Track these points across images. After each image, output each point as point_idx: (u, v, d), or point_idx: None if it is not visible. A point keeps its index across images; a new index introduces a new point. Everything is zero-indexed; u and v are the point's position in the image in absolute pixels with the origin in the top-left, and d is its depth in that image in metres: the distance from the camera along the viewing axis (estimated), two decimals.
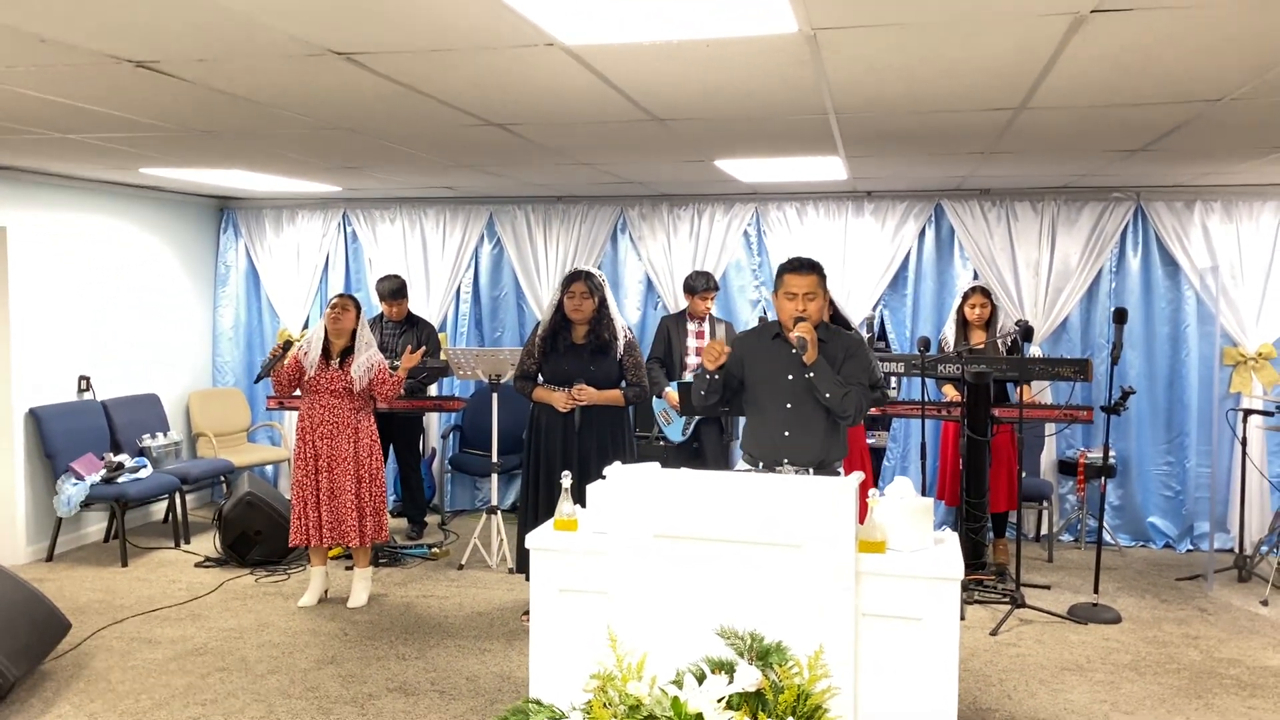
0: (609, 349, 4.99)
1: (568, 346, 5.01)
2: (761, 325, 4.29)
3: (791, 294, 3.89)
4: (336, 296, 5.53)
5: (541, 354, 5.05)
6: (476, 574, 6.14)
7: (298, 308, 8.11)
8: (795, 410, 3.94)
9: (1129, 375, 6.80)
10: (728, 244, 7.41)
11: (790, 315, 3.88)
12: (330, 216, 8.09)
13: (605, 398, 4.98)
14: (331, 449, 5.37)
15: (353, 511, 5.37)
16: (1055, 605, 5.52)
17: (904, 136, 4.68)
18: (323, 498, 5.37)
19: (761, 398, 4.02)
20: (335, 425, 5.38)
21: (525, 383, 5.14)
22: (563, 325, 5.02)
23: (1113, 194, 6.81)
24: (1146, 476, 6.91)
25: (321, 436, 5.37)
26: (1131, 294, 6.88)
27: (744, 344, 4.13)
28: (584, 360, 4.98)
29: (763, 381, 4.02)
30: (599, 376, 4.98)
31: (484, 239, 7.91)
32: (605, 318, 5.00)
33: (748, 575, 2.98)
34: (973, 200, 6.99)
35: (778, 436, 3.95)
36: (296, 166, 5.93)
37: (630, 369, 5.04)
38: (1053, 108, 3.92)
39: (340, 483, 5.37)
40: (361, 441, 5.42)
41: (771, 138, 4.74)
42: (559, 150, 5.20)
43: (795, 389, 3.95)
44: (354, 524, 5.37)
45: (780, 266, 4.00)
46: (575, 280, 4.97)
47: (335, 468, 5.37)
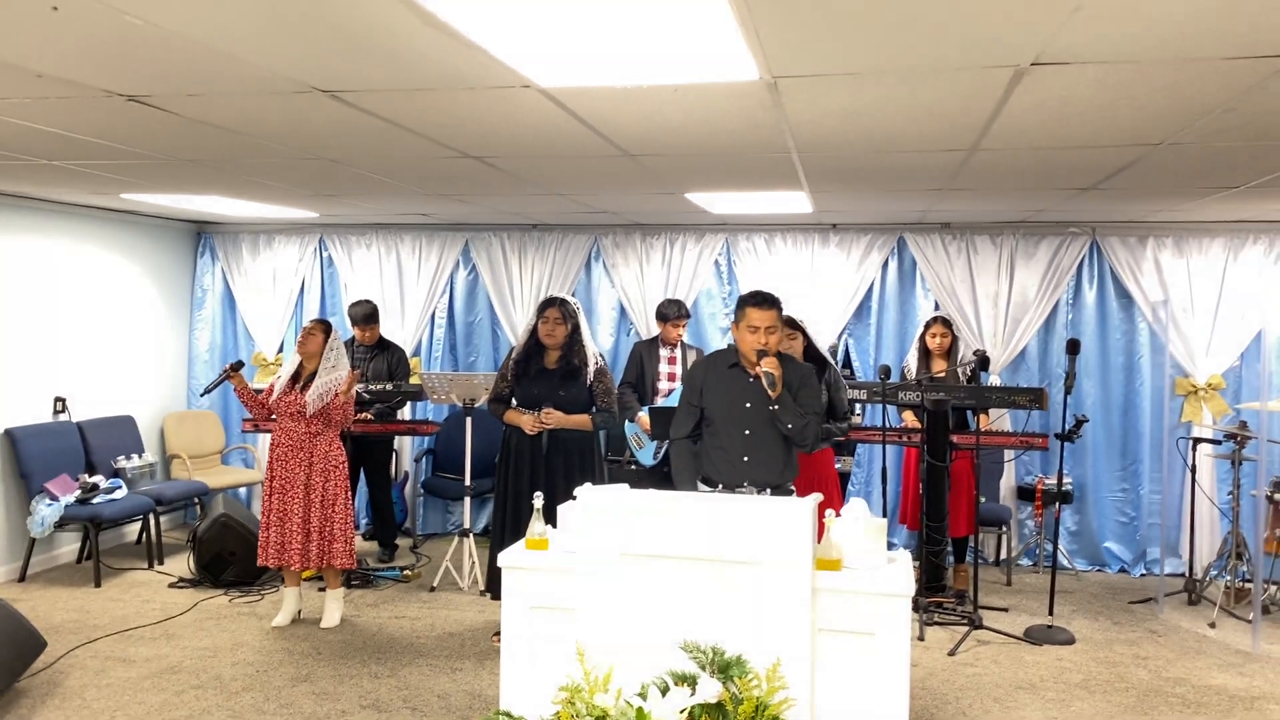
0: (579, 374, 5.13)
1: (539, 371, 5.15)
2: (717, 353, 4.48)
3: (754, 327, 4.08)
4: (308, 321, 5.64)
5: (514, 377, 5.19)
6: (448, 596, 6.24)
7: (273, 331, 8.20)
8: (754, 436, 4.14)
9: (1085, 404, 7.02)
10: (699, 273, 7.59)
11: (752, 348, 4.08)
12: (307, 242, 8.20)
13: (572, 422, 5.11)
14: (285, 471, 5.47)
15: (298, 534, 5.44)
16: (1012, 627, 5.69)
17: (865, 173, 4.88)
18: (273, 520, 5.47)
19: (720, 424, 4.20)
20: (289, 448, 5.48)
21: (498, 405, 5.27)
22: (536, 350, 5.16)
23: (1069, 229, 7.06)
24: (1102, 503, 7.12)
25: (279, 459, 5.48)
26: (1087, 325, 7.12)
27: (701, 371, 4.32)
28: (554, 384, 5.11)
29: (722, 408, 4.20)
30: (567, 401, 5.11)
31: (459, 265, 8.04)
32: (577, 344, 5.14)
33: (710, 592, 3.13)
34: (934, 233, 7.22)
35: (738, 461, 4.14)
36: (276, 193, 6.05)
37: (600, 394, 5.18)
38: (1003, 149, 4.13)
39: (290, 506, 5.46)
40: (316, 465, 5.48)
41: (738, 173, 4.93)
42: (534, 181, 5.37)
43: (753, 416, 4.14)
44: (298, 547, 5.44)
45: (742, 299, 4.19)
46: (549, 306, 5.12)
47: (286, 490, 5.46)
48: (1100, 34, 2.54)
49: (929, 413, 5.74)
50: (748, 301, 4.17)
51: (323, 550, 5.48)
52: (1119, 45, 2.64)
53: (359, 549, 6.88)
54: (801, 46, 2.68)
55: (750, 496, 4.05)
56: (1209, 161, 4.39)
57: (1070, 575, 6.97)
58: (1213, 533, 6.88)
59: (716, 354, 4.49)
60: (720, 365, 4.29)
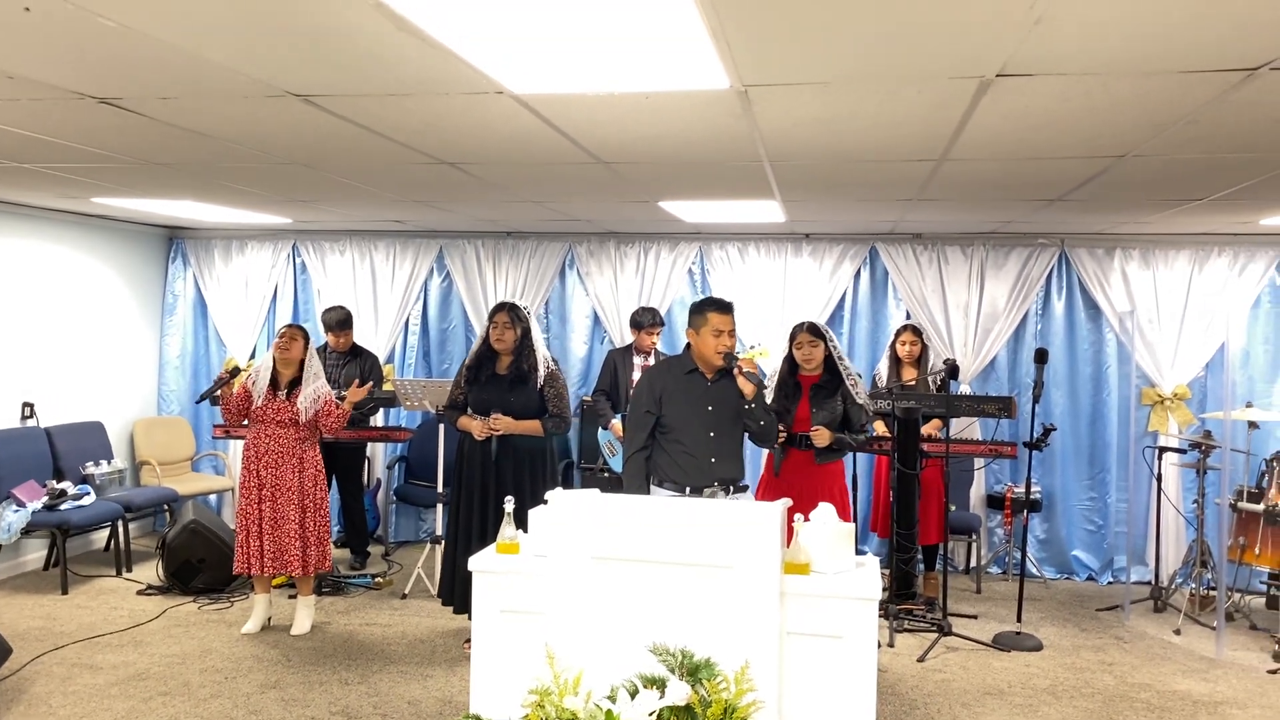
0: (529, 379, 5.13)
1: (489, 377, 5.17)
2: (668, 362, 4.55)
3: (719, 330, 4.24)
4: (285, 326, 5.64)
5: (466, 383, 5.21)
6: (420, 603, 6.23)
7: (245, 337, 8.17)
8: (719, 438, 4.26)
9: (1053, 413, 7.11)
10: (673, 281, 7.64)
11: (716, 350, 4.21)
12: (280, 248, 8.18)
13: (522, 427, 5.11)
14: (276, 478, 5.45)
15: (296, 540, 5.45)
16: (981, 634, 5.74)
17: (836, 183, 4.94)
18: (265, 526, 5.44)
19: (682, 429, 4.28)
20: (281, 455, 5.47)
21: (452, 412, 5.30)
22: (488, 356, 5.19)
23: (1038, 240, 7.15)
24: (1070, 511, 7.20)
25: (267, 466, 5.46)
26: (1056, 335, 7.21)
27: (659, 379, 4.38)
28: (504, 390, 5.12)
29: (684, 413, 4.28)
30: (516, 406, 5.11)
31: (433, 272, 8.05)
32: (527, 349, 5.15)
33: (680, 595, 3.15)
34: (905, 244, 7.30)
35: (706, 464, 4.24)
36: (249, 199, 6.04)
37: (551, 399, 5.18)
38: (971, 160, 4.19)
39: (284, 512, 5.45)
40: (306, 471, 5.51)
41: (711, 182, 4.98)
42: (508, 188, 5.39)
43: (717, 418, 4.27)
44: (297, 553, 5.45)
45: (702, 305, 4.31)
46: (499, 311, 5.15)
47: (279, 497, 5.45)
48: (1061, 46, 2.59)
49: (899, 421, 5.79)
50: (710, 307, 4.27)
51: (311, 555, 5.49)
52: (1079, 58, 2.70)
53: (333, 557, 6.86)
54: (771, 56, 2.72)
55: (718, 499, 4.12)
56: (1172, 174, 4.48)
57: (1039, 583, 7.04)
58: (1178, 541, 6.98)
59: (667, 363, 4.56)
60: (675, 372, 4.38)
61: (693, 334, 4.32)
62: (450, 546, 5.19)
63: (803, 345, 5.35)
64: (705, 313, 4.27)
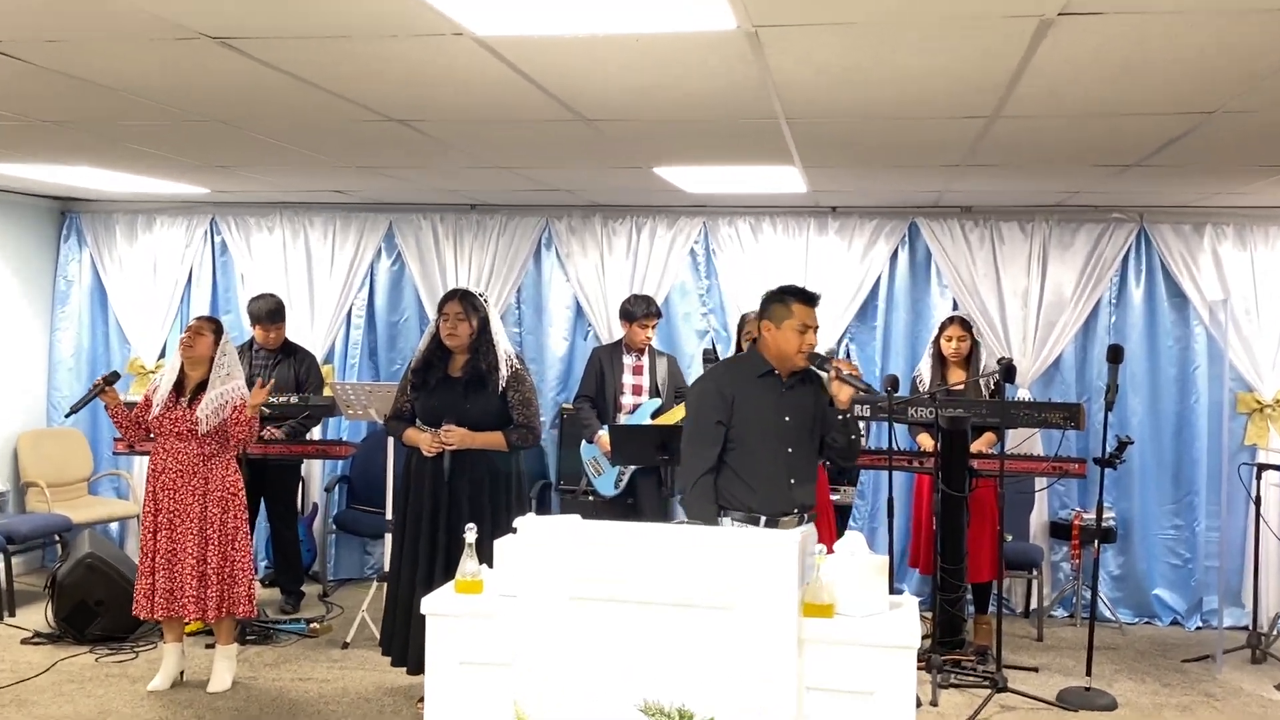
0: (487, 381, 5.09)
1: (440, 380, 5.15)
2: (735, 361, 4.55)
3: (806, 326, 4.25)
4: (194, 319, 5.62)
5: (413, 388, 5.20)
6: (364, 654, 6.22)
7: (153, 332, 8.16)
8: (797, 454, 4.29)
9: (1130, 424, 7.12)
10: (671, 264, 7.64)
11: (799, 349, 4.24)
12: (195, 223, 8.17)
13: (481, 440, 5.08)
14: (174, 503, 5.41)
15: (192, 579, 5.36)
16: (1043, 690, 5.75)
17: (868, 146, 4.94)
18: (159, 561, 5.40)
19: (756, 443, 4.28)
20: (179, 474, 5.43)
21: (396, 423, 5.28)
22: (438, 355, 5.17)
23: (1112, 214, 7.17)
24: (1151, 542, 7.22)
25: (164, 488, 5.42)
26: (1133, 329, 7.23)
27: (728, 381, 4.36)
28: (458, 395, 5.09)
29: (757, 425, 4.28)
30: (476, 414, 5.07)
31: (381, 253, 8.04)
32: (485, 344, 5.11)
33: (676, 642, 3.15)
34: (952, 219, 7.32)
35: (783, 485, 4.27)
36: (157, 164, 6.03)
37: (516, 405, 5.14)
38: (1030, 116, 4.20)
39: (181, 544, 5.40)
40: (213, 494, 5.45)
41: (717, 144, 4.98)
42: (471, 152, 5.39)
43: (794, 431, 4.28)
44: (192, 594, 5.37)
45: (786, 294, 4.32)
46: (449, 300, 5.13)
47: (177, 525, 5.40)
48: None
49: (944, 432, 5.80)
50: (796, 296, 4.29)
51: (222, 597, 5.45)
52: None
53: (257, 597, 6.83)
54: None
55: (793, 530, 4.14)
56: (1274, 133, 4.48)
57: (1113, 628, 7.05)
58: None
59: (733, 362, 4.60)
60: (746, 375, 4.37)
61: (769, 328, 4.31)
62: (393, 586, 5.17)
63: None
64: (790, 304, 4.27)
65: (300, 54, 3.46)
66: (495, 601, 3.41)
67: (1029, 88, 3.71)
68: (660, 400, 6.72)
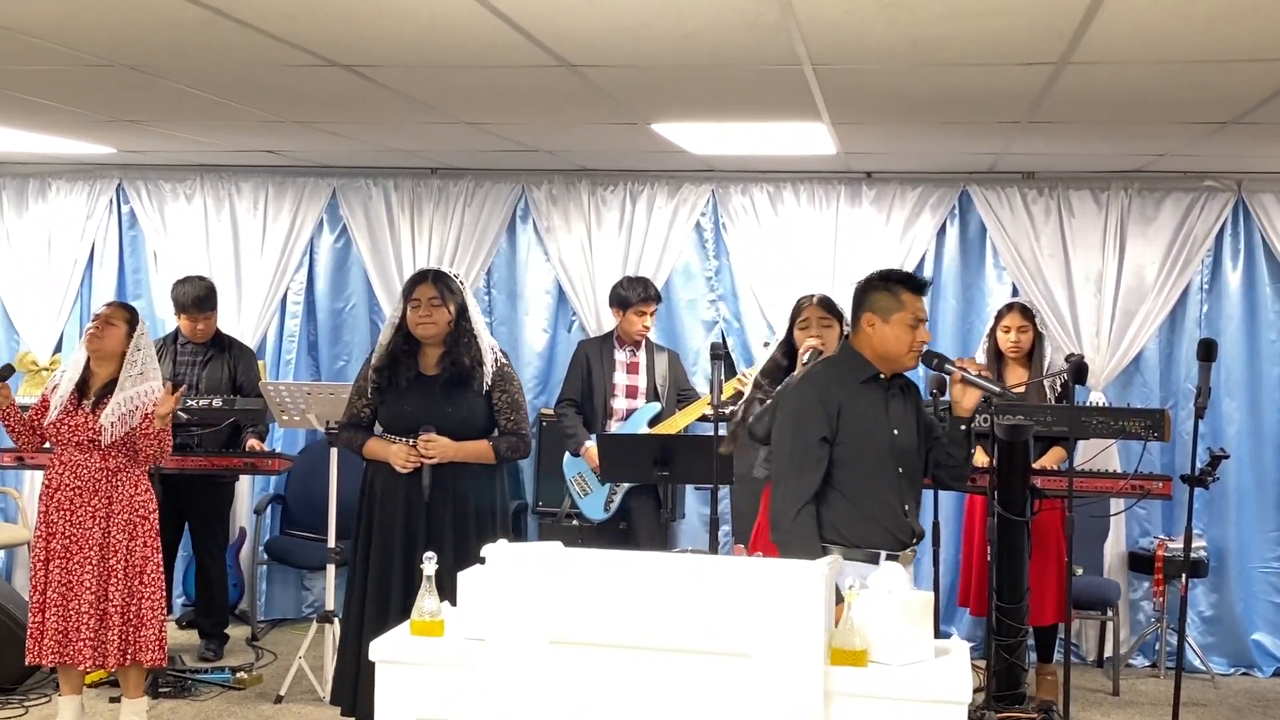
0: (471, 380, 5.10)
1: (412, 380, 5.13)
2: (831, 363, 4.50)
3: (919, 318, 4.23)
4: (104, 305, 5.60)
5: (375, 391, 5.17)
6: (301, 708, 6.22)
7: (47, 320, 8.15)
8: (906, 475, 4.28)
9: (1226, 434, 7.13)
10: (672, 241, 7.63)
11: (910, 348, 4.23)
12: (100, 189, 8.16)
13: (466, 451, 5.09)
14: (70, 527, 5.38)
15: (90, 619, 5.33)
16: None
17: (909, 98, 4.93)
18: (51, 596, 5.37)
19: (867, 463, 4.24)
20: (77, 492, 5.40)
21: (354, 433, 5.27)
22: (406, 349, 5.15)
23: (1204, 182, 7.17)
24: (1249, 576, 7.23)
25: (59, 507, 5.40)
26: (1230, 322, 7.23)
27: (831, 389, 4.28)
28: (436, 398, 5.08)
29: (866, 440, 4.24)
30: (458, 421, 5.08)
31: (323, 226, 8.04)
32: (465, 335, 5.11)
33: (677, 695, 3.14)
34: (1011, 187, 7.31)
35: (898, 512, 4.25)
36: (53, 118, 6.02)
37: (504, 409, 5.16)
38: (1106, 63, 4.19)
39: (78, 576, 5.36)
40: (117, 517, 5.42)
41: (728, 96, 4.97)
42: (431, 105, 5.37)
43: (904, 449, 4.27)
44: (89, 637, 5.33)
45: (891, 280, 4.30)
46: (420, 283, 5.11)
47: (73, 554, 5.36)
48: None
49: (1000, 444, 5.79)
50: (904, 284, 4.26)
51: (126, 641, 5.42)
52: None
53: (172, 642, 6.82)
54: None
55: (908, 565, 4.21)
56: None
57: (1203, 680, 7.06)
58: None
59: (833, 364, 4.49)
60: (847, 380, 4.30)
61: (873, 321, 4.26)
62: (352, 627, 5.14)
63: (811, 324, 5.35)
64: (899, 293, 4.23)
65: None
66: (459, 646, 3.40)
67: (1105, 27, 3.70)
68: (660, 404, 6.72)
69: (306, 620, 7.82)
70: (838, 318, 5.37)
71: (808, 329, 5.33)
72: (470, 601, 3.47)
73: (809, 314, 5.37)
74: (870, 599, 3.31)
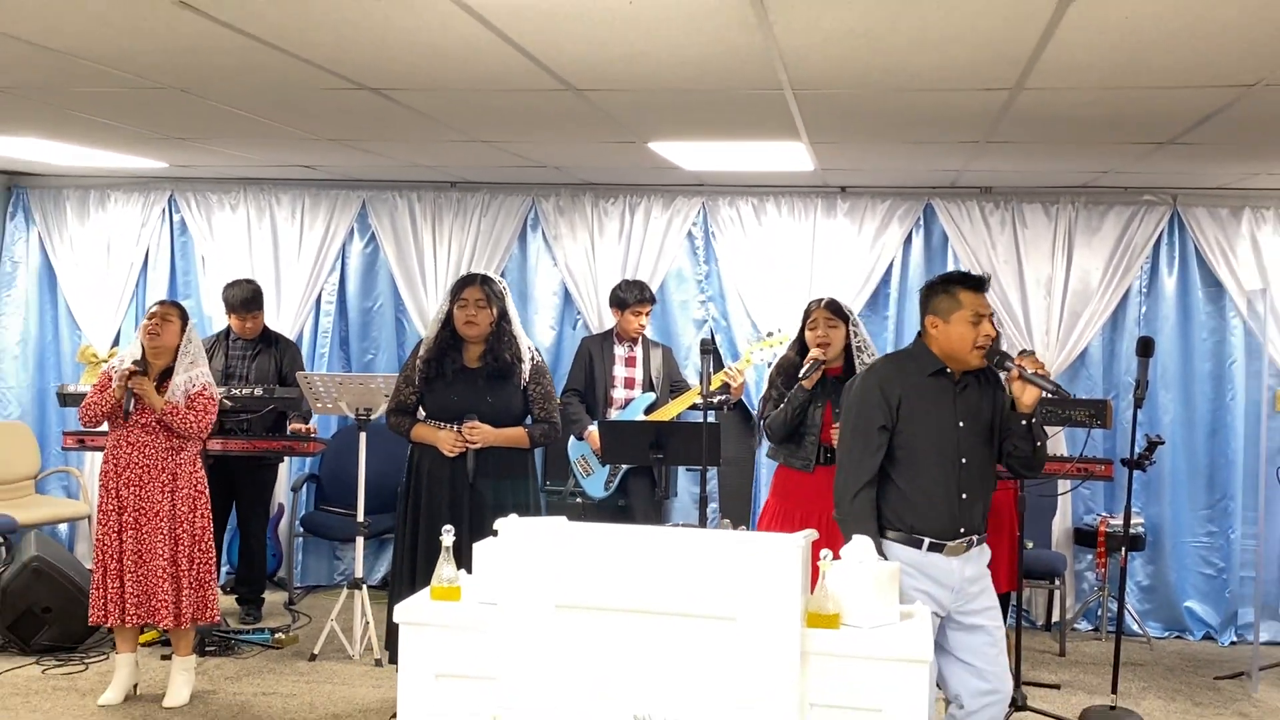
0: (510, 374, 5.13)
1: (457, 371, 5.14)
2: (898, 358, 4.35)
3: (980, 315, 4.00)
4: (157, 304, 5.61)
5: (423, 381, 5.18)
6: (334, 666, 6.22)
7: (107, 318, 8.15)
8: (971, 465, 4.08)
9: (1162, 422, 7.13)
10: (667, 248, 7.64)
11: (975, 345, 3.99)
12: (153, 200, 8.15)
13: (506, 437, 5.12)
14: (140, 500, 5.42)
15: (166, 582, 5.39)
16: (1065, 709, 5.76)
17: (880, 120, 4.93)
18: (127, 564, 5.41)
19: (927, 452, 4.07)
20: (146, 469, 5.44)
21: (402, 418, 5.26)
22: (451, 344, 5.16)
23: (1144, 197, 7.17)
24: (1182, 550, 7.23)
25: (128, 484, 5.43)
26: (1166, 321, 7.24)
27: (893, 380, 4.14)
28: (478, 389, 5.11)
29: (926, 431, 4.07)
30: (498, 410, 5.11)
31: (354, 234, 8.03)
32: (506, 334, 5.15)
33: (669, 654, 3.14)
34: (971, 201, 7.31)
35: (955, 501, 4.04)
36: (112, 135, 6.01)
37: (538, 400, 5.20)
38: (1056, 89, 4.19)
39: (151, 545, 5.41)
40: (181, 491, 5.47)
41: (717, 117, 4.96)
42: (450, 124, 5.37)
43: (968, 439, 4.08)
44: (168, 599, 5.39)
45: (950, 281, 4.12)
46: (468, 285, 5.12)
47: (144, 525, 5.41)
48: None
49: None
50: (962, 283, 4.07)
51: (193, 601, 5.46)
52: None
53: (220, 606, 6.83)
54: None
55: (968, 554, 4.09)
56: None
57: (1141, 643, 7.07)
58: None
59: (900, 358, 4.34)
60: (912, 373, 4.13)
61: (936, 324, 4.08)
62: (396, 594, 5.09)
63: (818, 325, 5.35)
64: (956, 293, 4.03)
65: (264, 14, 3.44)
66: (474, 610, 3.41)
67: (1055, 57, 3.70)
68: (654, 394, 6.73)
69: (338, 587, 7.83)
70: (844, 319, 5.35)
71: (816, 329, 5.34)
72: (484, 570, 3.47)
73: (817, 316, 5.37)
74: (843, 569, 3.32)
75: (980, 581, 4.12)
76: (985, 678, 4.07)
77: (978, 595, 4.10)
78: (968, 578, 4.06)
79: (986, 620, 4.10)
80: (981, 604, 4.10)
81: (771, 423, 5.35)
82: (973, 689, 4.07)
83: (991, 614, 4.12)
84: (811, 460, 5.29)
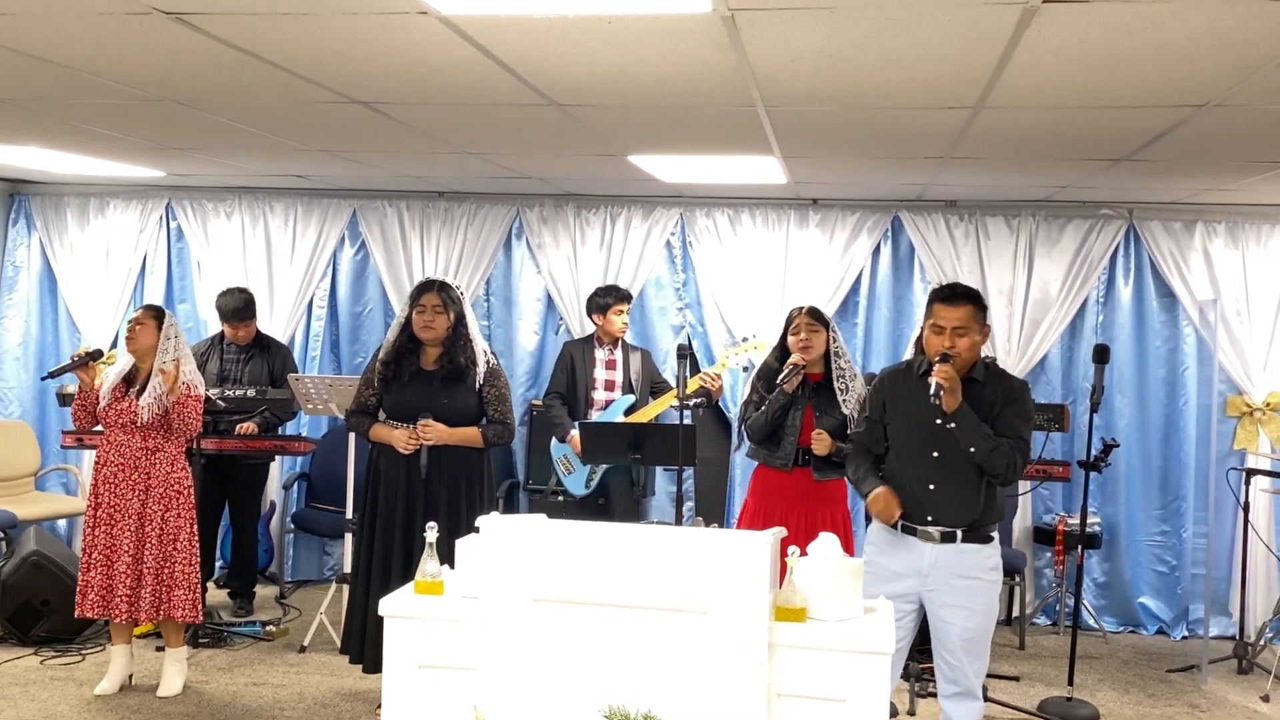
0: (466, 376, 5.14)
1: (414, 373, 5.16)
2: (908, 360, 4.58)
3: (939, 327, 4.17)
4: (136, 310, 5.62)
5: (382, 382, 5.20)
6: (322, 658, 6.21)
7: (106, 321, 8.11)
8: (942, 460, 4.22)
9: (1116, 426, 7.17)
10: (646, 256, 7.65)
11: (936, 351, 4.16)
12: (150, 208, 8.13)
13: (459, 436, 5.12)
14: (114, 498, 5.42)
15: (127, 578, 5.37)
16: (1024, 700, 5.79)
17: (849, 136, 4.96)
18: (96, 558, 5.41)
19: (904, 445, 4.32)
20: (120, 468, 5.43)
21: (361, 418, 5.29)
22: (410, 347, 5.18)
23: (1100, 210, 7.22)
24: (1136, 548, 7.27)
25: (105, 480, 5.44)
26: (1122, 329, 7.28)
27: (887, 382, 4.44)
28: (433, 390, 5.12)
29: (906, 426, 4.31)
30: (452, 410, 5.11)
31: (345, 241, 8.02)
32: (462, 338, 5.16)
33: (643, 646, 3.16)
34: (936, 213, 7.35)
35: (920, 490, 4.24)
36: (110, 145, 6.00)
37: (492, 402, 5.21)
38: (1015, 108, 4.22)
39: (119, 541, 5.40)
40: (154, 491, 5.44)
41: (693, 132, 4.98)
42: (438, 136, 5.38)
43: (944, 436, 4.21)
44: (125, 594, 5.37)
45: (932, 293, 4.34)
46: (426, 291, 5.14)
47: (117, 521, 5.40)
48: None
49: None
50: (936, 296, 4.29)
51: (158, 599, 5.43)
52: None
53: (212, 599, 6.82)
54: None
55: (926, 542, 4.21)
56: (1266, 128, 4.52)
57: (1096, 637, 7.11)
58: (1269, 586, 7.06)
59: (901, 363, 4.61)
60: (906, 375, 4.40)
61: (924, 328, 4.34)
62: (359, 588, 5.17)
63: (801, 329, 5.39)
64: (931, 302, 4.28)
65: (256, 30, 3.45)
66: (456, 603, 3.41)
67: (1014, 78, 3.74)
68: (634, 396, 6.73)
69: (327, 581, 7.81)
70: (824, 325, 5.43)
71: (798, 334, 5.39)
72: (466, 565, 3.48)
73: (800, 321, 5.42)
74: (809, 565, 3.34)
75: (958, 581, 4.24)
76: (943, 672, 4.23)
77: (953, 591, 4.23)
78: (942, 565, 4.20)
79: (950, 616, 4.25)
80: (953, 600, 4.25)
81: (752, 424, 5.42)
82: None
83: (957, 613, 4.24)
84: (790, 460, 5.34)
